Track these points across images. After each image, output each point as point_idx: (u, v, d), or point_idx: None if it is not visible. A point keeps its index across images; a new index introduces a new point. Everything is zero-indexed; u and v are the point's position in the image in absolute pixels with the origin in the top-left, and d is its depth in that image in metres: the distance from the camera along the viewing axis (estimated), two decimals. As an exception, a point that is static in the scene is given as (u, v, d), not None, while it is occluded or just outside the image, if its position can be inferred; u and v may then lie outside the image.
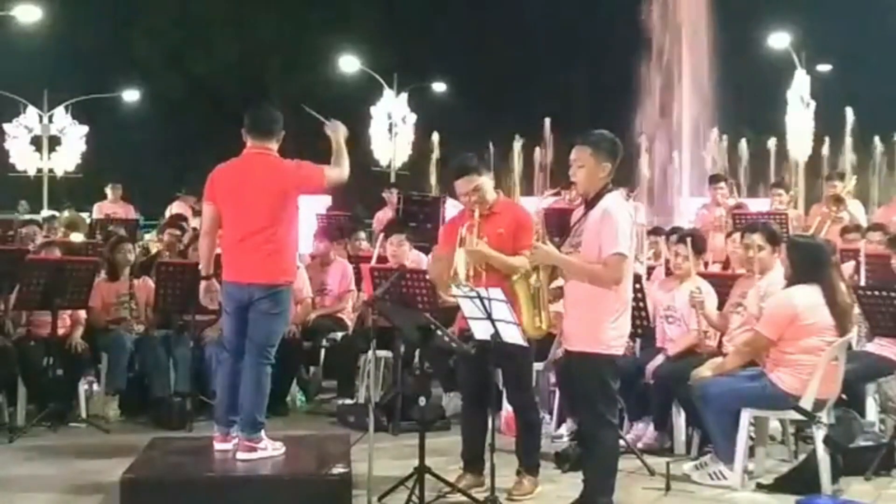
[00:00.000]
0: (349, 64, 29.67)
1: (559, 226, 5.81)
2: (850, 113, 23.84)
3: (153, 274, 8.30)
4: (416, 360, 7.72)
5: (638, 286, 6.59)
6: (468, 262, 5.55)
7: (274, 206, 5.73)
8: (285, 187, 5.77)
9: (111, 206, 13.07)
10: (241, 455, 5.72)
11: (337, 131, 5.99)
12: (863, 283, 7.43)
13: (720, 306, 6.78)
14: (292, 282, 5.94)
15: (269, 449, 5.77)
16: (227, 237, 5.87)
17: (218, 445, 5.83)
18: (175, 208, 12.78)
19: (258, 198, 5.71)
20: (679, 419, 6.73)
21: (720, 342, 6.74)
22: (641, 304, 6.78)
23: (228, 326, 5.90)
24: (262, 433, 5.79)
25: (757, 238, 6.56)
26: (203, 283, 6.02)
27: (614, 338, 5.13)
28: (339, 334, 8.55)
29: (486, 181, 5.72)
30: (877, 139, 22.92)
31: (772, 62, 25.83)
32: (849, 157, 23.22)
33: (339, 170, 5.91)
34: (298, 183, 5.81)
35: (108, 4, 33.39)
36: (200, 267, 6.10)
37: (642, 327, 6.89)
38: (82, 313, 7.85)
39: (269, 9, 35.63)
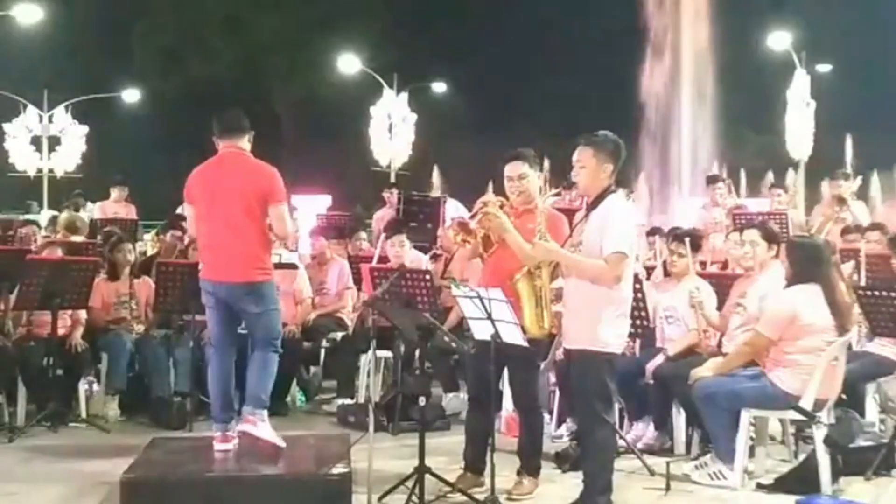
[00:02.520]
0: (349, 64, 29.63)
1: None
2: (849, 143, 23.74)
3: (153, 274, 8.31)
4: (416, 360, 7.72)
5: (638, 286, 6.60)
6: (490, 217, 5.54)
7: (248, 205, 5.78)
8: (259, 189, 5.80)
9: (114, 205, 13.02)
10: (241, 427, 5.77)
11: None
12: (863, 283, 7.43)
13: (720, 306, 6.79)
14: (269, 277, 5.96)
15: (273, 435, 5.80)
16: (202, 235, 5.97)
17: (218, 445, 5.84)
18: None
19: (233, 197, 5.77)
20: (679, 419, 6.73)
21: (720, 342, 6.75)
22: (641, 305, 6.78)
23: (210, 321, 6.00)
24: (265, 414, 5.83)
25: (752, 234, 6.61)
26: None
27: (613, 337, 5.15)
28: (339, 334, 8.56)
29: (533, 176, 5.76)
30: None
31: (772, 62, 25.83)
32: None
33: (289, 226, 6.05)
34: (266, 192, 5.80)
35: (107, 4, 33.39)
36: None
37: (642, 327, 6.89)
38: (82, 313, 7.86)
39: (269, 9, 35.62)
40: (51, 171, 27.86)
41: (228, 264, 5.76)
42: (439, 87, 32.66)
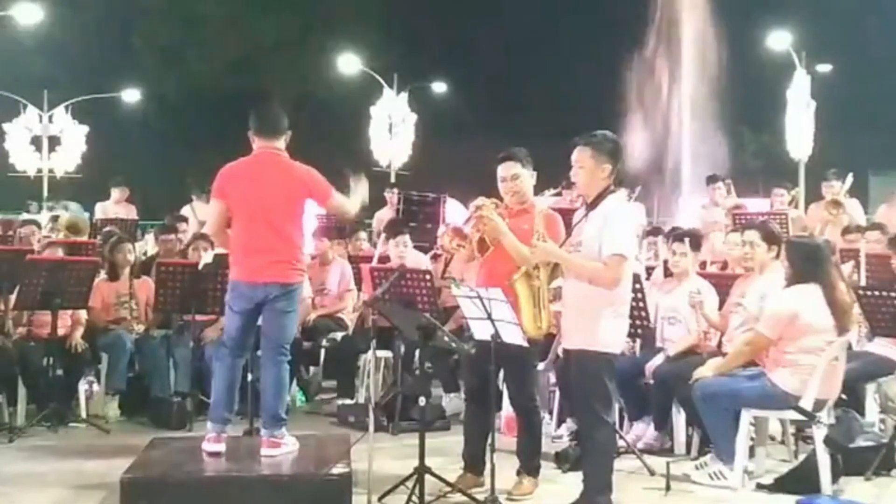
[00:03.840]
0: (349, 64, 29.62)
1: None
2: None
3: (153, 274, 8.31)
4: (416, 360, 7.73)
5: (638, 286, 6.60)
6: (485, 221, 5.55)
7: (288, 207, 5.79)
8: (298, 190, 5.82)
9: (114, 206, 13.01)
10: (265, 451, 5.76)
11: (359, 184, 6.09)
12: (863, 283, 7.43)
13: (720, 306, 6.79)
14: (303, 279, 6.01)
15: (290, 445, 5.83)
16: (239, 236, 5.88)
17: (210, 447, 5.79)
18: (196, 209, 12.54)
19: (273, 198, 5.75)
20: (679, 419, 6.73)
21: (720, 342, 6.75)
22: (641, 304, 6.78)
23: (233, 324, 5.91)
24: (284, 428, 5.85)
25: (751, 235, 6.61)
26: None
27: (612, 337, 5.15)
28: (339, 334, 8.55)
29: (526, 175, 5.74)
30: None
31: (772, 62, 25.82)
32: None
33: (349, 204, 5.99)
34: (310, 190, 5.85)
35: (107, 4, 33.39)
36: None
37: (642, 327, 6.89)
38: (83, 313, 7.86)
39: (269, 9, 35.62)
40: (51, 171, 27.83)
41: (269, 265, 5.72)
42: (439, 87, 32.64)
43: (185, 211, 11.96)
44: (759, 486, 5.94)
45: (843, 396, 6.27)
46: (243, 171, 5.90)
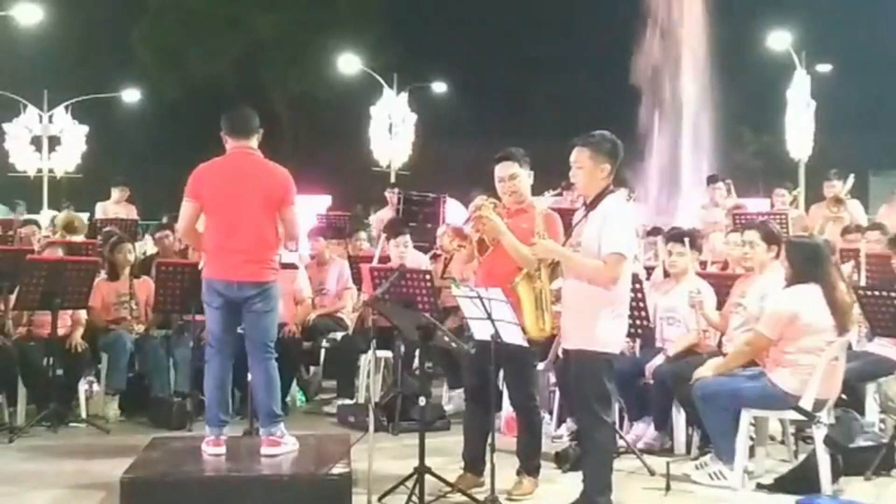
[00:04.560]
0: (349, 64, 29.60)
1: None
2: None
3: (153, 274, 8.31)
4: (416, 360, 7.73)
5: (637, 286, 6.60)
6: (484, 221, 5.54)
7: (265, 206, 5.79)
8: (277, 190, 5.84)
9: (114, 206, 13.01)
10: (265, 450, 5.79)
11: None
12: (863, 283, 7.43)
13: (720, 306, 6.79)
14: (277, 277, 6.00)
15: (290, 443, 5.85)
16: (213, 235, 5.90)
17: (209, 449, 5.81)
18: None
19: (248, 197, 5.76)
20: (679, 419, 6.73)
21: (720, 342, 6.75)
22: (641, 305, 6.78)
23: (214, 322, 5.93)
24: (282, 426, 5.86)
25: (751, 235, 6.61)
26: None
27: (611, 337, 5.15)
28: (339, 334, 8.55)
29: (524, 175, 5.75)
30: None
31: (772, 62, 25.81)
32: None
33: (294, 228, 5.97)
34: (286, 193, 5.86)
35: (107, 4, 33.39)
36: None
37: (642, 327, 6.89)
38: (83, 313, 7.86)
39: (269, 9, 35.63)
40: (51, 171, 27.80)
41: (243, 264, 5.74)
42: (439, 87, 32.64)
43: None
44: (759, 486, 5.94)
45: (843, 396, 6.27)
46: (218, 171, 5.92)
